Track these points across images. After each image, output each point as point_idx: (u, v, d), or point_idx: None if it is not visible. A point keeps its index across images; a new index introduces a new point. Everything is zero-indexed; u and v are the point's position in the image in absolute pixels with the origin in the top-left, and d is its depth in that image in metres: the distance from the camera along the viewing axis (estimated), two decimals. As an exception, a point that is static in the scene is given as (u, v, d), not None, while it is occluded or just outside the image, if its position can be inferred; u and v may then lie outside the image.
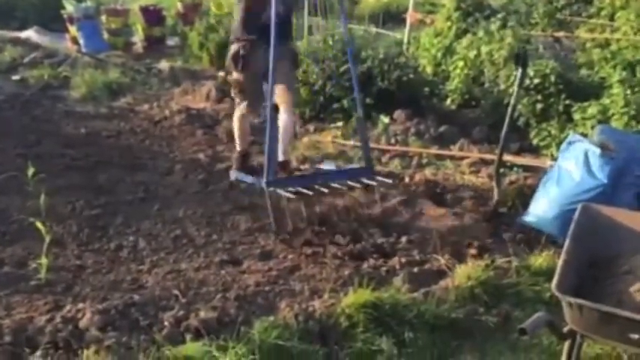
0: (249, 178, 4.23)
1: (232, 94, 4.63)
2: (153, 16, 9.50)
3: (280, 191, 3.74)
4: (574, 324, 2.19)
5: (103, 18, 9.38)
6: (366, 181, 4.00)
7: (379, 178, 4.07)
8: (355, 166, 4.64)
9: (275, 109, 4.03)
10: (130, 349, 2.53)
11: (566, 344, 2.31)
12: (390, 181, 4.03)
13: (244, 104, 4.38)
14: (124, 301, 2.83)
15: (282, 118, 4.32)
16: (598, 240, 2.54)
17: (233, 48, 4.29)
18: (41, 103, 6.41)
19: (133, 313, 2.77)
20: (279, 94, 4.30)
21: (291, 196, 3.72)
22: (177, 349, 2.53)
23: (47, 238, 3.16)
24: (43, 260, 3.08)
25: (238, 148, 4.58)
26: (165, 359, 2.45)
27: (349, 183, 3.96)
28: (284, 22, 4.16)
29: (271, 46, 3.81)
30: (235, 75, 4.36)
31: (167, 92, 7.16)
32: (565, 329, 2.26)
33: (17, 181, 3.97)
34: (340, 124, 5.87)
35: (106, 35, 9.27)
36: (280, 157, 4.24)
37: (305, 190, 3.79)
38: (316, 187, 3.84)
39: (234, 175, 4.47)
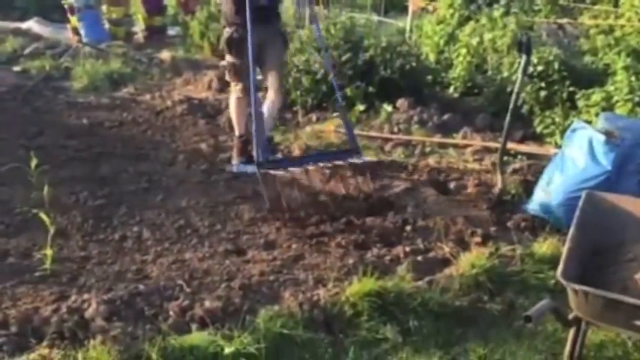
0: (249, 168, 4.25)
1: (227, 78, 4.70)
2: (154, 6, 9.46)
3: (272, 171, 3.79)
4: (579, 311, 2.19)
5: (104, 8, 9.35)
6: (352, 160, 4.05)
7: (365, 158, 4.13)
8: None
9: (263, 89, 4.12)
10: (136, 339, 2.54)
11: (571, 331, 2.32)
12: (374, 159, 4.05)
13: (240, 87, 4.44)
14: (129, 291, 2.84)
15: (271, 97, 4.47)
16: (602, 227, 2.54)
17: (226, 32, 4.39)
18: (43, 94, 6.40)
19: (138, 303, 2.78)
20: (269, 75, 4.41)
21: (283, 173, 3.77)
22: (182, 338, 2.54)
23: (51, 229, 3.17)
24: (48, 251, 3.09)
25: (237, 132, 4.62)
26: (170, 349, 2.46)
27: (337, 163, 4.02)
28: (272, 4, 4.34)
29: (248, 29, 3.94)
30: (230, 58, 4.43)
31: (169, 82, 7.14)
32: (570, 316, 2.26)
33: (20, 173, 3.97)
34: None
35: (107, 25, 9.25)
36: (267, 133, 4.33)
37: (295, 169, 3.86)
38: (305, 166, 3.92)
39: (235, 168, 4.49)
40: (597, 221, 2.53)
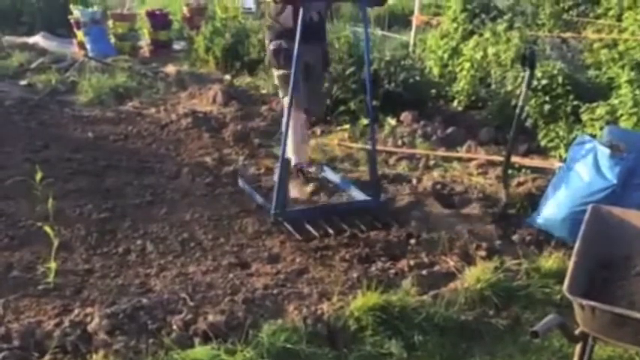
0: (257, 198, 4.18)
1: (279, 92, 4.55)
2: (159, 21, 9.55)
3: (286, 224, 3.77)
4: (586, 326, 2.17)
5: (110, 23, 9.44)
6: (369, 207, 4.00)
7: (383, 200, 4.09)
8: (360, 195, 4.26)
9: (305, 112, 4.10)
10: (139, 353, 2.53)
11: (578, 347, 2.29)
12: (393, 222, 3.88)
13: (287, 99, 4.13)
14: (132, 305, 2.83)
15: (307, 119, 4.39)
16: (609, 241, 2.51)
17: (273, 44, 4.27)
18: (49, 108, 6.43)
19: (141, 317, 2.76)
20: (312, 97, 4.32)
21: (297, 236, 3.70)
22: (185, 352, 2.53)
23: (55, 242, 3.17)
24: (52, 264, 3.09)
25: (293, 161, 4.33)
26: (173, 363, 2.45)
27: (356, 222, 3.85)
28: (320, 20, 4.22)
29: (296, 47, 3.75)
30: (277, 72, 4.34)
31: (174, 96, 7.18)
32: (577, 331, 2.24)
33: (25, 186, 3.98)
34: (347, 126, 5.87)
35: (112, 40, 9.33)
36: (293, 160, 4.23)
37: (312, 229, 3.75)
38: (322, 224, 3.82)
39: (243, 185, 4.46)
40: (603, 235, 2.51)
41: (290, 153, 4.29)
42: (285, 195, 3.91)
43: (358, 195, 4.24)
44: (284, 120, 4.14)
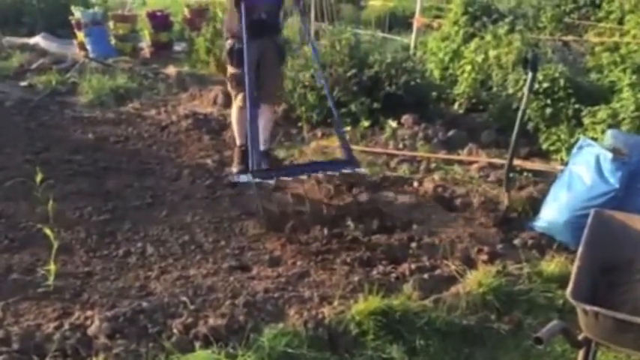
0: (243, 178, 4.30)
1: (229, 88, 4.83)
2: (160, 22, 9.54)
3: (266, 180, 3.92)
4: (589, 331, 2.15)
5: (111, 24, 9.43)
6: (344, 170, 4.17)
7: (361, 169, 4.23)
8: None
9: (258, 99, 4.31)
10: (139, 357, 2.51)
11: (581, 352, 2.28)
12: (366, 171, 4.17)
13: (241, 96, 4.53)
14: (133, 308, 2.81)
15: (263, 110, 4.59)
16: (611, 246, 2.50)
17: (228, 44, 4.54)
18: (49, 109, 6.42)
19: (142, 320, 2.75)
20: (264, 87, 4.52)
21: (272, 182, 3.93)
22: (185, 356, 2.51)
23: (55, 245, 3.15)
24: (52, 267, 3.07)
25: (237, 142, 4.75)
26: (174, 367, 2.43)
27: (329, 173, 4.17)
28: (270, 19, 4.46)
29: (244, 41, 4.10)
30: (231, 69, 4.57)
31: (174, 97, 7.17)
32: (580, 337, 2.22)
33: (25, 187, 3.97)
34: (348, 128, 5.86)
35: (113, 41, 9.31)
36: (262, 147, 4.40)
37: (287, 178, 4.06)
38: (299, 175, 4.12)
39: (234, 177, 4.52)
40: (606, 240, 2.50)
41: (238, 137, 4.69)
42: (259, 156, 4.11)
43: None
44: (233, 108, 4.68)
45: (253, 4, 4.20)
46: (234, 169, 4.70)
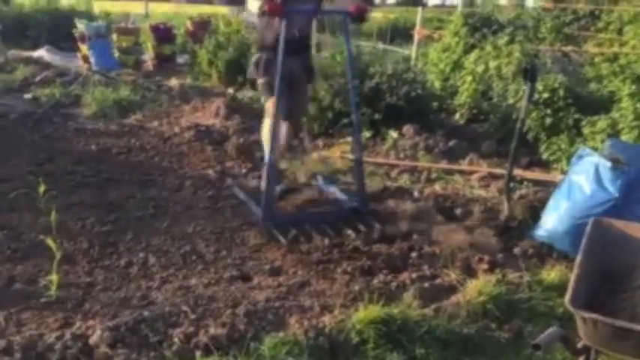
0: (245, 197, 4.31)
1: (262, 100, 4.66)
2: (163, 35, 9.64)
3: (274, 231, 3.88)
4: (588, 339, 2.16)
5: (114, 36, 9.53)
6: (358, 225, 4.03)
7: (372, 222, 4.07)
8: (346, 199, 4.49)
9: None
10: (140, 366, 2.52)
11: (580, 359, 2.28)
12: (378, 226, 3.99)
13: (270, 102, 4.32)
14: (134, 318, 2.82)
15: (287, 127, 4.51)
16: (610, 254, 2.52)
17: (255, 56, 4.49)
18: (53, 121, 6.48)
19: (143, 330, 2.76)
20: (291, 106, 4.44)
21: (283, 240, 3.80)
22: (186, 365, 2.52)
23: (58, 255, 3.17)
24: (54, 277, 3.09)
25: (266, 157, 4.46)
26: (174, 376, 2.44)
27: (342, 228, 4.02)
28: (303, 37, 4.40)
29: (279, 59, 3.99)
30: (261, 79, 4.46)
31: (177, 109, 7.21)
32: (579, 344, 2.23)
33: (28, 198, 4.00)
34: (349, 139, 5.88)
35: (116, 53, 9.40)
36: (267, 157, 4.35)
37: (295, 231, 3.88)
38: (308, 227, 3.96)
39: (234, 189, 4.51)
40: (605, 248, 2.51)
41: (267, 153, 4.42)
42: (273, 199, 4.09)
43: (343, 199, 4.44)
44: (264, 123, 4.47)
45: (289, 21, 4.02)
46: (234, 188, 4.67)
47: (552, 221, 3.78)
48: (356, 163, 4.37)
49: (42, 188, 3.61)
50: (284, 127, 4.50)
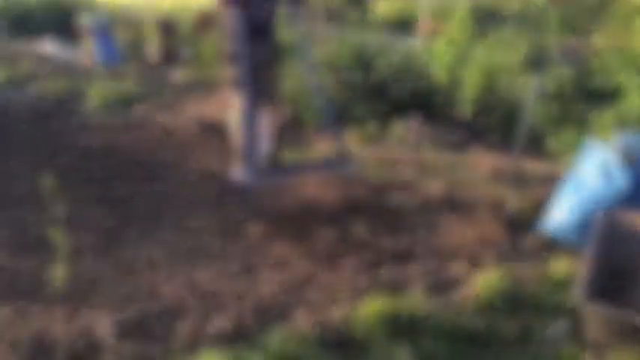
0: (241, 176, 4.31)
1: (231, 90, 4.72)
2: (167, 27, 9.59)
3: (261, 181, 4.02)
4: (597, 332, 2.15)
5: (118, 29, 9.49)
6: (339, 171, 4.25)
7: (354, 166, 4.26)
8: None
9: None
10: (147, 360, 2.52)
11: (590, 353, 2.27)
12: (357, 167, 4.20)
13: (242, 97, 4.45)
14: (140, 311, 2.83)
15: (264, 111, 4.56)
16: (619, 247, 2.50)
17: (227, 46, 4.50)
18: (57, 115, 6.46)
19: (149, 324, 2.76)
20: (262, 90, 4.50)
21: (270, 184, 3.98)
22: (193, 359, 2.51)
23: (64, 249, 3.17)
24: (60, 271, 3.09)
25: (241, 142, 4.60)
26: (181, 369, 2.44)
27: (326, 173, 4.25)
28: (266, 23, 4.47)
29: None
30: (231, 71, 4.51)
31: (181, 102, 7.20)
32: (588, 337, 2.22)
33: (34, 194, 4.00)
34: (353, 132, 5.87)
35: (120, 46, 9.37)
36: (266, 150, 4.47)
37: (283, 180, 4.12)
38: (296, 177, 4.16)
39: (235, 176, 4.54)
40: (614, 241, 2.50)
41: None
42: (256, 162, 4.18)
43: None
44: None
45: (250, 7, 4.19)
46: (237, 168, 4.70)
47: (560, 214, 3.76)
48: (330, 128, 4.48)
49: (47, 183, 3.61)
50: (264, 118, 4.59)
